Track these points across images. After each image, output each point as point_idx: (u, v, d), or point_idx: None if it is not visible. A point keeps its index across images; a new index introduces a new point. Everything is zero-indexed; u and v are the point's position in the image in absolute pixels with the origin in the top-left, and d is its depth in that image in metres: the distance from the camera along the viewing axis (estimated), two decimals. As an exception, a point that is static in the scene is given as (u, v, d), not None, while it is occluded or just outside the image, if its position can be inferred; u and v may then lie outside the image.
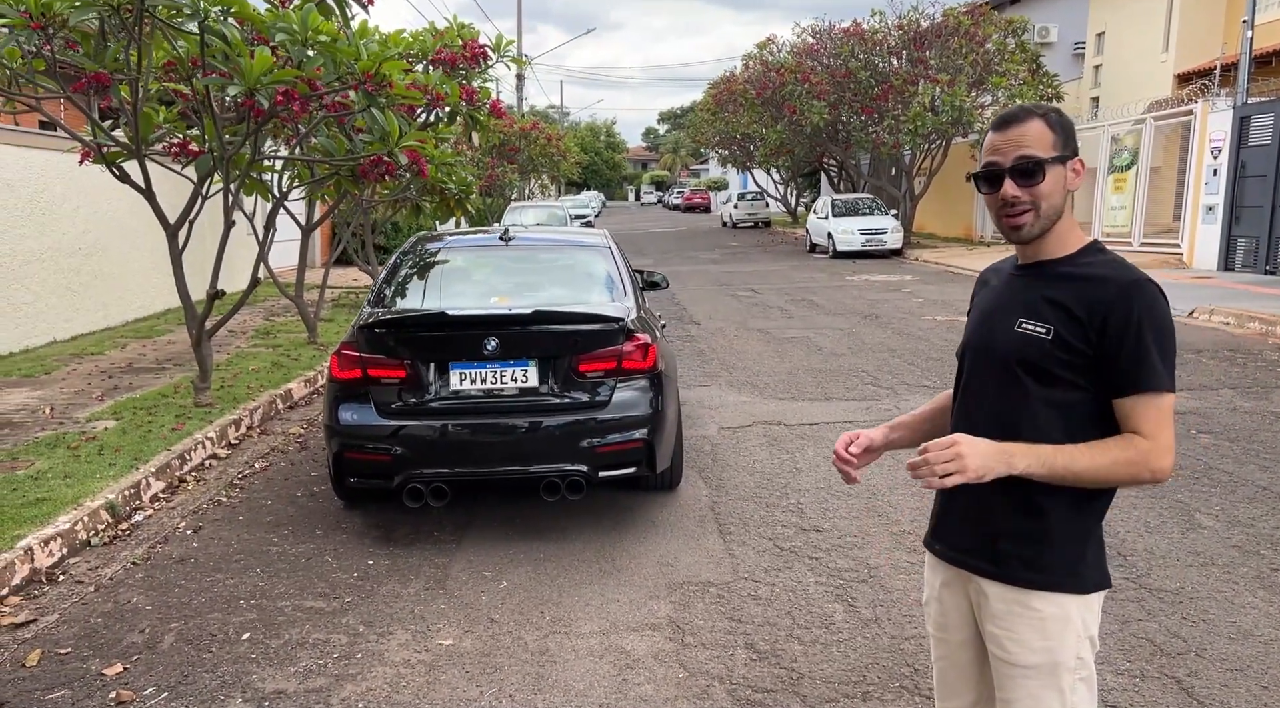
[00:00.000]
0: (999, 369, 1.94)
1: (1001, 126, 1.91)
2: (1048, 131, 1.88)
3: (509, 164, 29.72)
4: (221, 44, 6.03)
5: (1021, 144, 1.87)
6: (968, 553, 2.01)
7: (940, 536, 2.11)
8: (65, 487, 5.27)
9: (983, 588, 1.97)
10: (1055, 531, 1.89)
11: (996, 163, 1.90)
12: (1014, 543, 1.92)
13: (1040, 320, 1.88)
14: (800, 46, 28.15)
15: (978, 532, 1.98)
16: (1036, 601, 1.90)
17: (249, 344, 10.51)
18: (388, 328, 4.88)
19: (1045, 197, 1.88)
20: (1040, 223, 1.90)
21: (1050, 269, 1.94)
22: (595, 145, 79.82)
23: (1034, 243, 1.93)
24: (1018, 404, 1.90)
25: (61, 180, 10.55)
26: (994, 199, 1.93)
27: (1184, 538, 4.62)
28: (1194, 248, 17.48)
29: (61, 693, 3.43)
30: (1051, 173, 1.87)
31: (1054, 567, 1.89)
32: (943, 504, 2.11)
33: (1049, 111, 1.90)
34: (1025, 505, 1.89)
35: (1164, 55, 22.82)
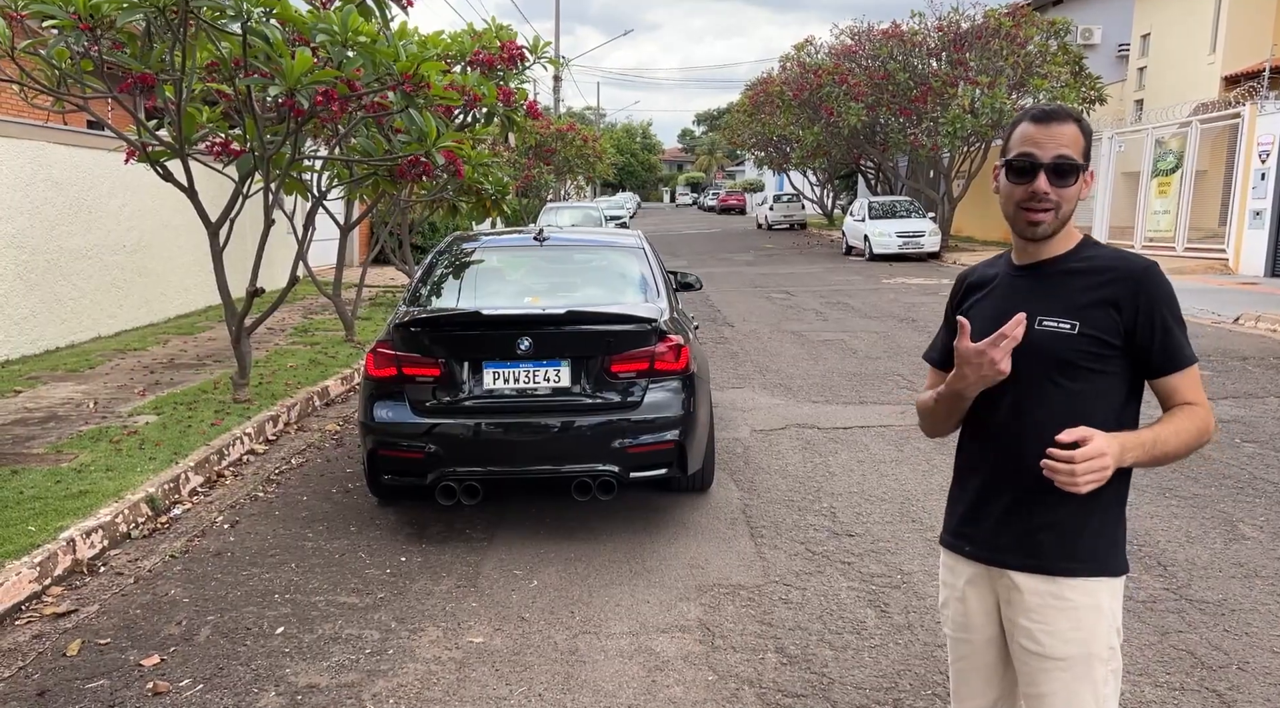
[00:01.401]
0: (1020, 368, 1.93)
1: (1043, 120, 1.92)
2: (1081, 138, 1.92)
3: (545, 165, 29.83)
4: (263, 45, 6.12)
5: (1062, 143, 1.89)
6: (1004, 550, 2.01)
7: (969, 535, 2.09)
8: (107, 480, 5.36)
9: (1015, 582, 1.99)
10: (1094, 517, 1.94)
11: (1034, 155, 1.91)
12: (1054, 534, 1.95)
13: (1062, 316, 1.92)
14: (838, 48, 28.00)
15: (1018, 528, 1.99)
16: (1069, 591, 1.94)
17: (287, 342, 10.64)
18: (423, 327, 4.91)
19: (1069, 200, 1.92)
20: (1055, 224, 1.94)
21: (1057, 266, 1.98)
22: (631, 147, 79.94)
23: (1041, 242, 1.98)
24: (1048, 401, 1.93)
25: (108, 179, 10.75)
26: (1020, 190, 1.93)
27: (1227, 549, 4.53)
28: (1240, 253, 17.14)
29: (100, 683, 3.49)
30: (1080, 179, 1.92)
31: (1092, 554, 1.95)
32: (972, 504, 2.09)
33: (1082, 118, 1.95)
34: (1068, 497, 1.88)
35: (1211, 57, 22.40)
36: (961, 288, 2.20)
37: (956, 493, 2.17)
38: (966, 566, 2.10)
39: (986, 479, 2.05)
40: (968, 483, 2.11)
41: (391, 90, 6.60)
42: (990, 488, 2.04)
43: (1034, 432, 1.91)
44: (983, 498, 2.05)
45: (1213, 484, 5.46)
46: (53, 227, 9.80)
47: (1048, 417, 1.91)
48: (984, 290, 2.11)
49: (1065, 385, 1.92)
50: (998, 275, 2.10)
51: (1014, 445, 1.97)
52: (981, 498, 2.05)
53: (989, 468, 2.04)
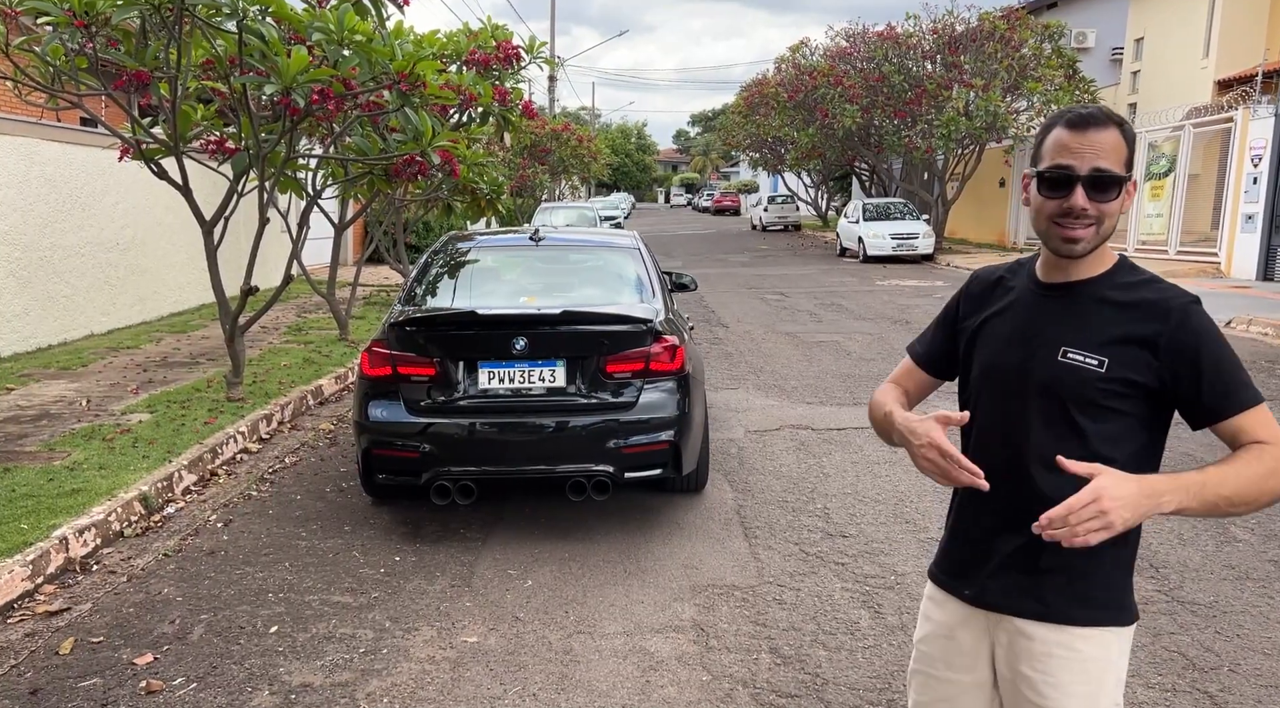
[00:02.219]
0: (1037, 401, 1.78)
1: (1080, 126, 1.71)
2: (1123, 145, 1.72)
3: (540, 165, 29.82)
4: (259, 43, 6.11)
5: (1101, 153, 1.69)
6: (1010, 596, 1.84)
7: (969, 578, 1.91)
8: (100, 478, 5.35)
9: (1020, 628, 1.82)
10: (1106, 562, 1.78)
11: (1070, 167, 1.70)
12: (1065, 579, 1.79)
13: (1090, 352, 1.74)
14: (833, 49, 28.05)
15: (1026, 573, 1.82)
16: (1080, 642, 1.78)
17: (281, 340, 10.62)
18: (418, 326, 4.91)
19: (1110, 215, 1.72)
20: (1095, 241, 1.74)
21: (1089, 291, 1.78)
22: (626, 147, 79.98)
23: (1075, 260, 1.78)
24: (1064, 440, 1.75)
25: (101, 176, 10.72)
26: (1054, 205, 1.73)
27: (1219, 551, 4.55)
28: (1232, 257, 17.21)
29: (93, 681, 3.49)
30: (1122, 191, 1.72)
31: (1105, 601, 1.80)
32: (973, 544, 1.91)
33: (1125, 123, 1.73)
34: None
35: (1204, 61, 22.48)
36: (975, 290, 2.00)
37: (955, 528, 1.99)
38: (961, 607, 1.93)
39: (992, 520, 1.86)
40: (969, 520, 1.93)
41: (387, 89, 6.60)
42: (996, 530, 1.85)
43: (1045, 470, 1.76)
44: (986, 539, 1.87)
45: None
46: (46, 224, 9.77)
47: (1061, 451, 1.72)
48: (1001, 304, 1.92)
49: (1084, 425, 1.75)
50: (1018, 290, 1.90)
51: (1025, 486, 1.80)
52: (985, 539, 1.88)
53: (995, 508, 1.83)
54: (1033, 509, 1.73)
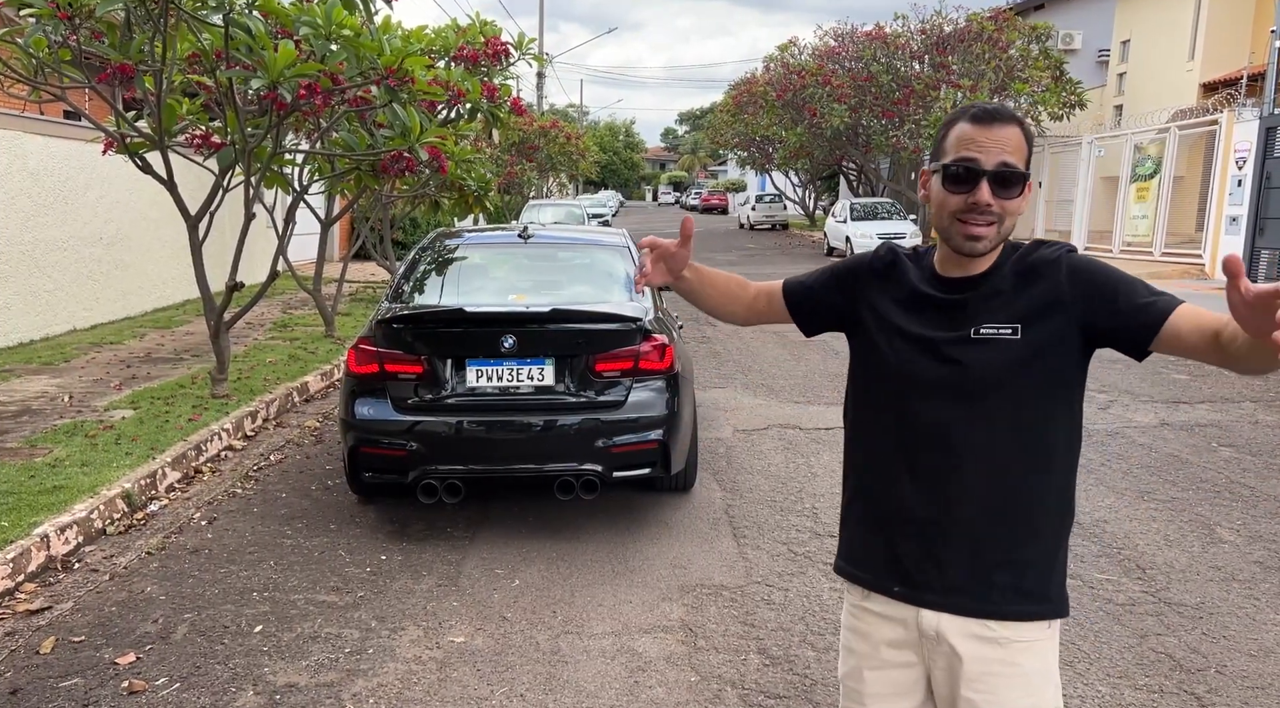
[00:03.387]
0: (961, 394, 1.72)
1: (984, 121, 1.67)
2: (1024, 144, 1.69)
3: (528, 162, 29.74)
4: (246, 37, 6.05)
5: (1006, 149, 1.66)
6: (950, 592, 1.74)
7: (900, 574, 1.79)
8: (82, 475, 5.29)
9: (955, 648, 1.73)
10: (1049, 553, 1.75)
11: (976, 160, 1.66)
12: (1012, 573, 1.72)
13: (1002, 323, 1.69)
14: (822, 49, 28.08)
15: (967, 567, 1.74)
16: (1020, 656, 1.72)
17: (266, 337, 10.55)
18: (405, 323, 4.87)
19: (1012, 213, 1.69)
20: (996, 240, 1.70)
21: (989, 281, 1.75)
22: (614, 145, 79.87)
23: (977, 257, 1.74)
24: (993, 419, 1.70)
25: (84, 170, 10.62)
26: (959, 200, 1.68)
27: (1204, 552, 4.56)
28: (1217, 259, 17.30)
29: (74, 681, 3.44)
30: (1024, 189, 1.70)
31: (1045, 594, 1.75)
32: (901, 541, 1.79)
33: (1024, 122, 1.73)
34: (1023, 530, 1.72)
35: (1190, 64, 22.63)
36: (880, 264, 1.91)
37: (874, 526, 1.84)
38: (884, 625, 1.82)
39: (924, 514, 1.76)
40: (892, 513, 1.80)
41: (375, 85, 6.55)
42: (927, 526, 1.75)
43: (986, 462, 1.71)
44: (917, 536, 1.76)
45: (1190, 488, 5.51)
46: (28, 218, 9.66)
47: (993, 440, 1.71)
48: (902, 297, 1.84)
49: (1010, 404, 1.69)
50: (919, 286, 1.82)
51: (958, 475, 1.73)
52: (916, 536, 1.77)
53: (925, 503, 1.75)
54: (976, 505, 1.72)
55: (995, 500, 1.72)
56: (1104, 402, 7.63)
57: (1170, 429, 6.82)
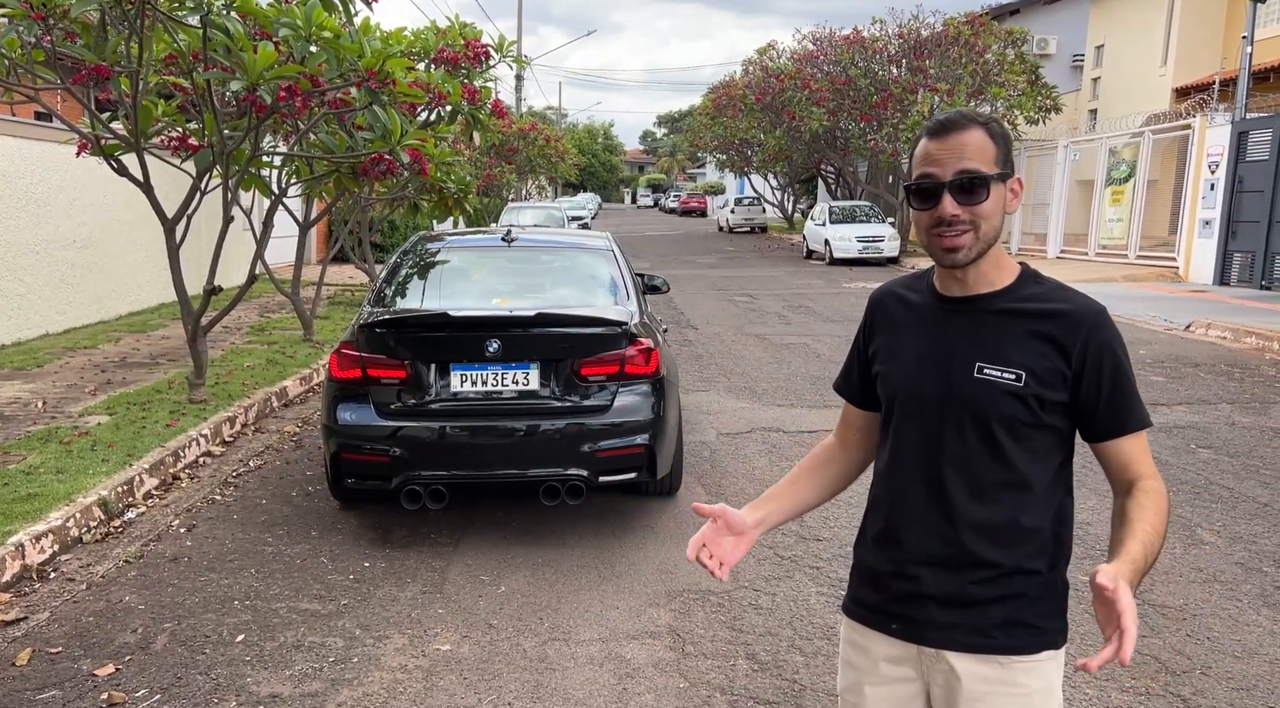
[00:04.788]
0: (956, 422, 1.71)
1: (939, 133, 1.67)
2: (990, 143, 1.66)
3: (507, 164, 29.66)
4: (224, 38, 5.99)
5: (963, 156, 1.64)
6: (945, 629, 1.74)
7: (894, 612, 1.80)
8: (58, 482, 5.20)
9: (957, 669, 1.73)
10: (1041, 588, 1.73)
11: (934, 175, 1.66)
12: (1006, 608, 1.71)
13: (1006, 365, 1.67)
14: (801, 53, 28.20)
15: (961, 602, 1.73)
16: (1022, 676, 1.70)
17: (243, 340, 10.44)
18: (388, 328, 4.83)
19: (986, 217, 1.66)
20: (979, 246, 1.68)
21: (996, 303, 1.72)
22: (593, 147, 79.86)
23: (970, 270, 1.71)
24: (986, 461, 1.70)
25: (57, 172, 10.47)
26: (928, 216, 1.68)
27: (1186, 554, 4.60)
28: (1190, 261, 17.52)
29: (52, 693, 3.38)
30: (994, 191, 1.66)
31: (1046, 625, 1.73)
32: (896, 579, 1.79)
33: (990, 121, 1.70)
34: (1014, 562, 1.71)
35: (1162, 69, 22.92)
36: (876, 311, 1.91)
37: (871, 556, 1.86)
38: (890, 644, 1.81)
39: (918, 549, 1.76)
40: (890, 550, 1.81)
41: (356, 87, 6.50)
42: (922, 560, 1.76)
43: (974, 490, 1.71)
44: (913, 570, 1.77)
45: (1170, 489, 5.53)
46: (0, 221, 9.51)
47: (985, 479, 1.70)
48: (905, 322, 1.83)
49: (1005, 444, 1.68)
50: (921, 306, 1.81)
51: (949, 513, 1.73)
52: (911, 570, 1.77)
53: (919, 537, 1.76)
54: (958, 537, 1.72)
55: (987, 532, 1.71)
56: (1083, 404, 7.68)
57: (1149, 431, 6.86)
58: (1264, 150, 15.69)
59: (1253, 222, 15.88)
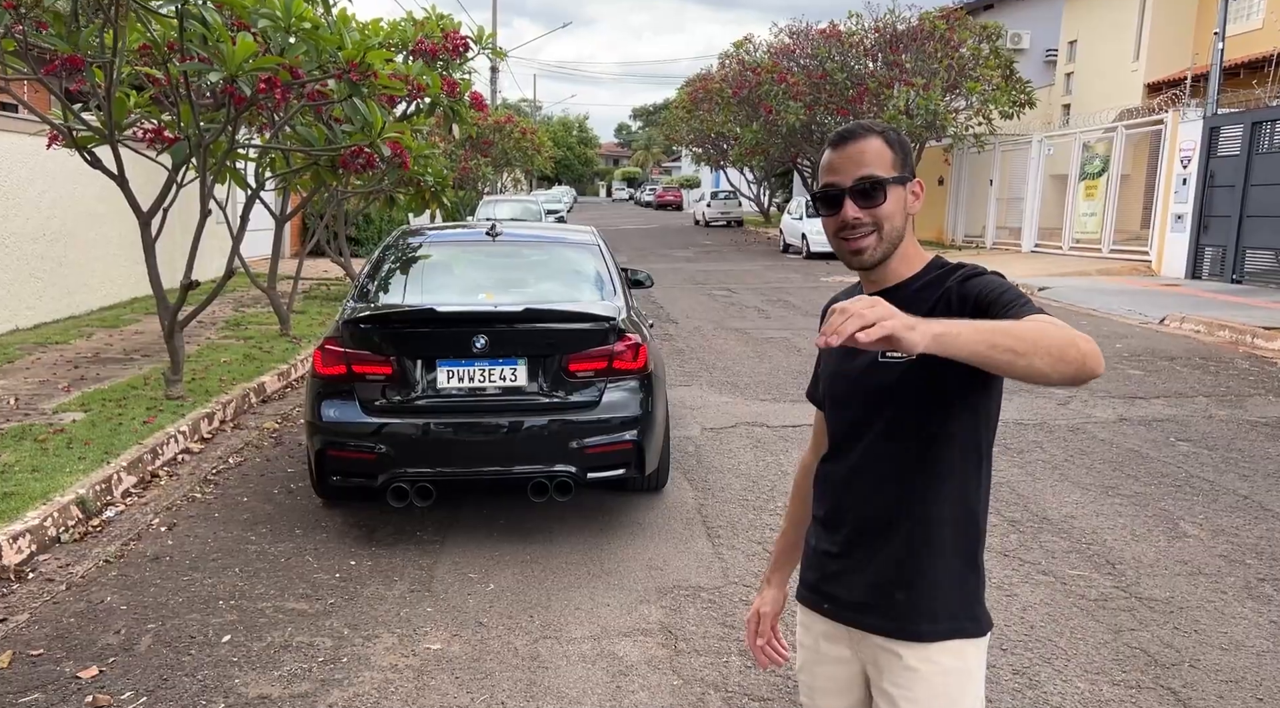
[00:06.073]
0: (866, 406, 1.78)
1: (839, 144, 1.77)
2: (886, 150, 1.75)
3: (482, 157, 29.48)
4: (200, 28, 5.88)
5: (862, 163, 1.73)
6: (863, 610, 1.81)
7: (827, 593, 1.88)
8: (33, 481, 5.10)
9: (881, 644, 1.79)
10: (949, 571, 1.76)
11: (835, 183, 1.75)
12: (909, 592, 1.76)
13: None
14: (777, 47, 28.23)
15: (872, 584, 1.79)
16: (936, 653, 1.75)
17: (219, 335, 10.31)
18: (374, 324, 4.77)
19: (887, 218, 1.74)
20: (883, 247, 1.75)
21: (900, 293, 1.76)
22: (568, 140, 79.58)
23: (878, 269, 1.78)
24: (897, 442, 1.75)
25: (26, 164, 10.27)
26: (833, 221, 1.77)
27: (1170, 546, 4.64)
28: (1162, 256, 17.72)
29: (34, 697, 3.31)
30: (893, 193, 1.74)
31: (954, 613, 1.76)
32: (824, 551, 1.89)
33: (887, 130, 1.79)
34: (918, 546, 1.75)
35: (1135, 65, 23.13)
36: (822, 318, 1.97)
37: (811, 539, 1.96)
38: (826, 624, 1.90)
39: (843, 532, 1.85)
40: (823, 533, 1.90)
41: (336, 79, 6.41)
42: (845, 542, 1.84)
43: (878, 476, 1.77)
44: (839, 553, 1.85)
45: (1152, 483, 5.61)
46: (-32, 213, 9.33)
47: (892, 454, 1.75)
48: None
49: (914, 428, 1.73)
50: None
51: (859, 491, 1.81)
52: (838, 553, 1.85)
53: (842, 515, 1.85)
54: (875, 517, 1.79)
55: (888, 514, 1.77)
56: (1063, 397, 7.74)
57: (1129, 425, 6.94)
58: (1235, 145, 15.88)
59: (1224, 216, 16.07)
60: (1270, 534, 4.79)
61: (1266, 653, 3.58)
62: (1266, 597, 4.07)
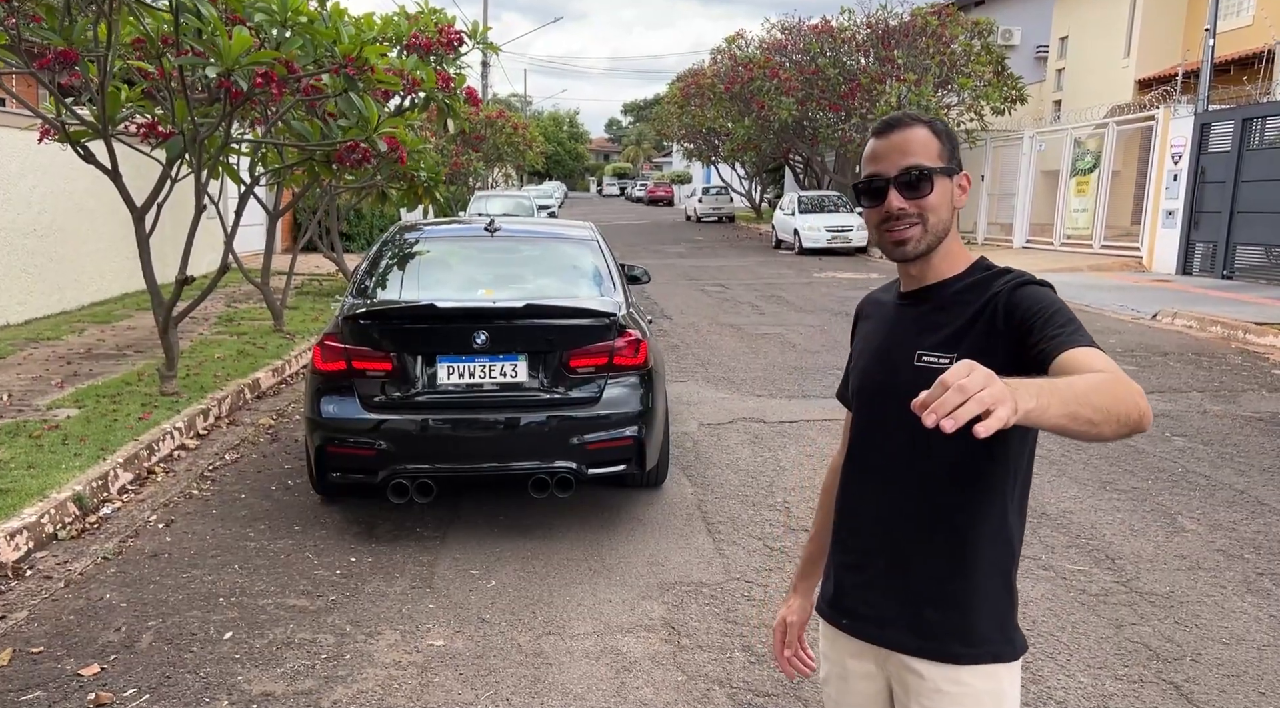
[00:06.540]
0: (899, 412, 1.59)
1: (884, 132, 1.71)
2: (933, 139, 1.69)
3: (474, 152, 29.39)
4: (196, 21, 5.84)
5: (908, 152, 1.67)
6: (886, 626, 1.73)
7: (846, 608, 1.81)
8: (29, 478, 5.07)
9: (907, 664, 1.71)
10: (983, 590, 1.68)
11: (880, 173, 1.69)
12: (941, 610, 1.68)
13: (940, 350, 1.63)
14: (769, 42, 28.22)
15: (898, 600, 1.72)
16: (968, 676, 1.67)
17: (212, 331, 10.26)
18: (373, 319, 4.75)
19: (933, 210, 1.67)
20: (927, 239, 1.68)
21: (941, 293, 1.71)
22: (558, 135, 79.41)
23: (920, 263, 1.72)
24: (931, 450, 1.64)
25: (17, 158, 10.20)
26: (876, 212, 1.71)
27: (1169, 541, 4.66)
28: (1153, 251, 17.79)
29: (36, 694, 3.29)
30: (940, 185, 1.68)
31: (988, 635, 1.68)
32: (848, 568, 1.81)
33: (934, 119, 1.72)
34: (952, 562, 1.67)
35: (1125, 61, 23.20)
36: (860, 317, 1.96)
37: (832, 550, 1.87)
38: (848, 641, 1.82)
39: (866, 542, 1.77)
40: (846, 544, 1.83)
41: (333, 73, 6.38)
42: (869, 553, 1.76)
43: (910, 486, 1.69)
44: (861, 565, 1.78)
45: (1149, 478, 5.63)
46: (-42, 208, 9.25)
47: (926, 465, 1.66)
48: (871, 321, 1.88)
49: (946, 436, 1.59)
50: (886, 303, 1.85)
51: (888, 501, 1.72)
52: (860, 564, 1.78)
53: (867, 526, 1.77)
54: (901, 528, 1.70)
55: (921, 527, 1.69)
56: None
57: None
58: (1226, 142, 15.95)
59: (1214, 212, 16.15)
60: (1267, 529, 4.82)
61: (1268, 647, 3.60)
62: (1266, 591, 4.10)
